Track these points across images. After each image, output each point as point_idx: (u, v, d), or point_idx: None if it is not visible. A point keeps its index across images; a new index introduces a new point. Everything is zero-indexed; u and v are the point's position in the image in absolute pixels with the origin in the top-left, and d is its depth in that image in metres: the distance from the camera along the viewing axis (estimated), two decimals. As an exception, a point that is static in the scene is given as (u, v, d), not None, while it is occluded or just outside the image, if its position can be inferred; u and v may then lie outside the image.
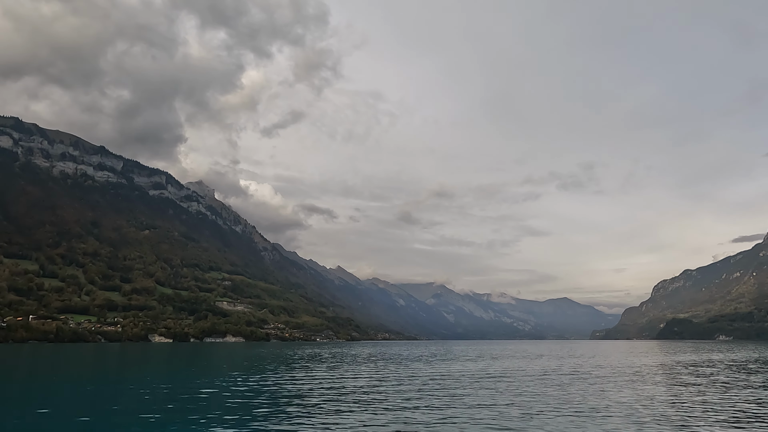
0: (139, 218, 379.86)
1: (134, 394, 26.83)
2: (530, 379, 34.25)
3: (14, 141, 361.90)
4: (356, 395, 25.48)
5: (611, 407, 21.09)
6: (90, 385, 32.49)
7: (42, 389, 29.52)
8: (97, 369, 50.80)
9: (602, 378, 35.56)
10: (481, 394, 25.91)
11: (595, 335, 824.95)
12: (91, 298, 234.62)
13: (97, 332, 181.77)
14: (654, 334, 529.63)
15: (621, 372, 41.41)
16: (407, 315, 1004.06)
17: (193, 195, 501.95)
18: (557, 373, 39.47)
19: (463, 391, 27.58)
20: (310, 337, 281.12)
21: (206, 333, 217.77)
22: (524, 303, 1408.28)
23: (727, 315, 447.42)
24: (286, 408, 21.14)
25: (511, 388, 28.55)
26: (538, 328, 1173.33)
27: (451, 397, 24.30)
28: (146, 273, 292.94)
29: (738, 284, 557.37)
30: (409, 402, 22.88)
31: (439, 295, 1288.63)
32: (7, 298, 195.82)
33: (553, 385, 30.18)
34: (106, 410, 21.24)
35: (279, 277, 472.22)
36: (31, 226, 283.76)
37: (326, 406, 21.69)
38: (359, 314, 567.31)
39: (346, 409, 20.75)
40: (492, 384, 30.92)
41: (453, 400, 23.24)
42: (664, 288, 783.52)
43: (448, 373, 40.14)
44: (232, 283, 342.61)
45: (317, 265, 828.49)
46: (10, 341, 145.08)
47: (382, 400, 23.38)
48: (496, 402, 22.69)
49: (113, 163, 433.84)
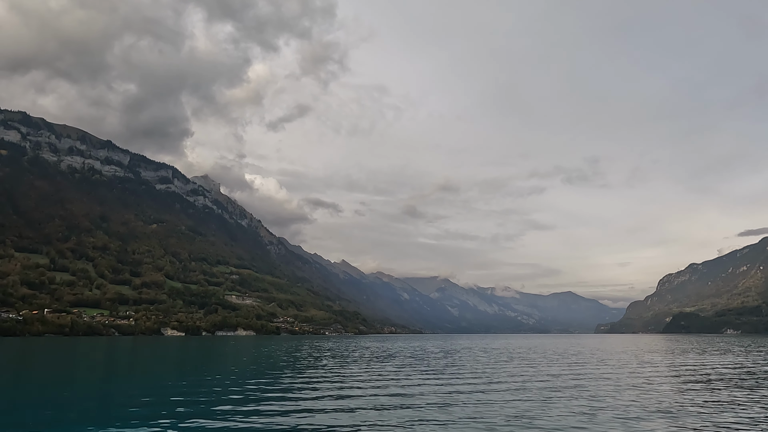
0: (146, 212, 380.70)
1: (221, 385, 26.77)
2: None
3: (22, 135, 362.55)
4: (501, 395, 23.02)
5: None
6: (173, 380, 32.52)
7: (147, 385, 29.55)
8: (160, 363, 50.86)
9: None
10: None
11: (600, 329, 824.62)
12: (102, 292, 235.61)
13: (110, 326, 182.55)
14: (660, 328, 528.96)
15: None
16: (411, 309, 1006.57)
17: (200, 189, 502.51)
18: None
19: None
20: (320, 331, 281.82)
21: (218, 326, 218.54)
22: (528, 297, 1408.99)
23: (735, 309, 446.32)
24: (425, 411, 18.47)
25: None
26: (543, 322, 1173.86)
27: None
28: (155, 267, 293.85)
29: (745, 278, 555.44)
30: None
31: (443, 289, 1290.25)
32: (20, 292, 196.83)
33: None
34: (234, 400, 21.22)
35: (285, 271, 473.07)
36: (41, 220, 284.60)
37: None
38: (364, 308, 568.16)
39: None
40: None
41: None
42: (670, 282, 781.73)
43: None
44: (239, 277, 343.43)
45: (322, 259, 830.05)
46: (27, 334, 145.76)
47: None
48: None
49: (120, 157, 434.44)
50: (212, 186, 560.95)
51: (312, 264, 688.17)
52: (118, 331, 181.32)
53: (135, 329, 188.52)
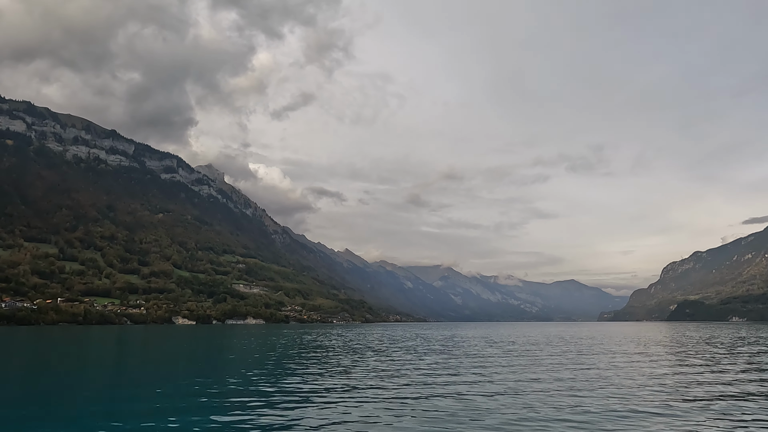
0: (152, 202, 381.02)
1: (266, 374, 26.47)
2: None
3: (27, 125, 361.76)
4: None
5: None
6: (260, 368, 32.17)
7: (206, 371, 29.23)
8: (207, 351, 50.77)
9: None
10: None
11: (603, 317, 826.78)
12: (112, 281, 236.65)
13: (122, 314, 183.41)
14: (664, 316, 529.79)
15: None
16: (415, 297, 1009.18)
17: (204, 178, 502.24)
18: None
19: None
20: (327, 319, 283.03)
21: (228, 315, 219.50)
22: (531, 285, 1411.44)
23: (740, 297, 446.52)
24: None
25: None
26: (545, 310, 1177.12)
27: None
28: (163, 256, 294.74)
29: (750, 266, 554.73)
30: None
31: (446, 277, 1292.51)
32: (32, 281, 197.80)
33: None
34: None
35: (290, 260, 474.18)
36: (48, 210, 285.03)
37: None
38: (368, 296, 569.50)
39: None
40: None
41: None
42: (674, 270, 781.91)
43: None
44: (246, 266, 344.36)
45: (325, 248, 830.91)
46: (41, 323, 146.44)
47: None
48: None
49: (125, 146, 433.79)
50: (216, 175, 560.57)
51: (316, 253, 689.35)
52: (130, 319, 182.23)
53: (146, 318, 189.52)
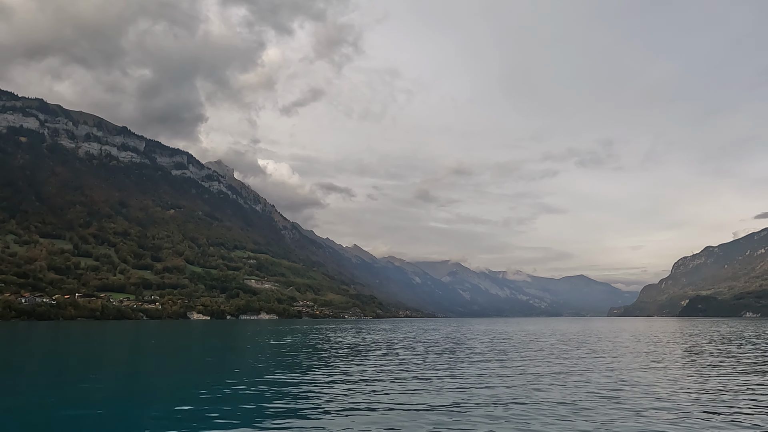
0: (163, 198, 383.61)
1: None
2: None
3: (40, 122, 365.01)
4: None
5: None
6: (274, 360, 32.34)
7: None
8: (239, 344, 51.19)
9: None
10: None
11: (613, 312, 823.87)
12: (126, 277, 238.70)
13: (138, 310, 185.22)
14: (676, 312, 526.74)
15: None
16: (423, 293, 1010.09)
17: (214, 174, 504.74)
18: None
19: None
20: (339, 315, 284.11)
21: (241, 310, 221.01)
22: (540, 280, 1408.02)
23: (754, 292, 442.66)
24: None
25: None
26: (554, 305, 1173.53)
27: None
28: (175, 252, 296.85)
29: (762, 261, 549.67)
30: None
31: (454, 272, 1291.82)
32: (48, 277, 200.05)
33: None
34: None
35: (300, 255, 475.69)
36: (62, 206, 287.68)
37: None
38: (377, 292, 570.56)
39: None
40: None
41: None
42: (685, 265, 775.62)
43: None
44: (257, 262, 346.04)
45: (334, 244, 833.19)
46: (60, 318, 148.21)
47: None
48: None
49: (136, 143, 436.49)
50: (226, 171, 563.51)
51: (325, 248, 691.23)
52: (146, 315, 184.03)
53: (162, 313, 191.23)
